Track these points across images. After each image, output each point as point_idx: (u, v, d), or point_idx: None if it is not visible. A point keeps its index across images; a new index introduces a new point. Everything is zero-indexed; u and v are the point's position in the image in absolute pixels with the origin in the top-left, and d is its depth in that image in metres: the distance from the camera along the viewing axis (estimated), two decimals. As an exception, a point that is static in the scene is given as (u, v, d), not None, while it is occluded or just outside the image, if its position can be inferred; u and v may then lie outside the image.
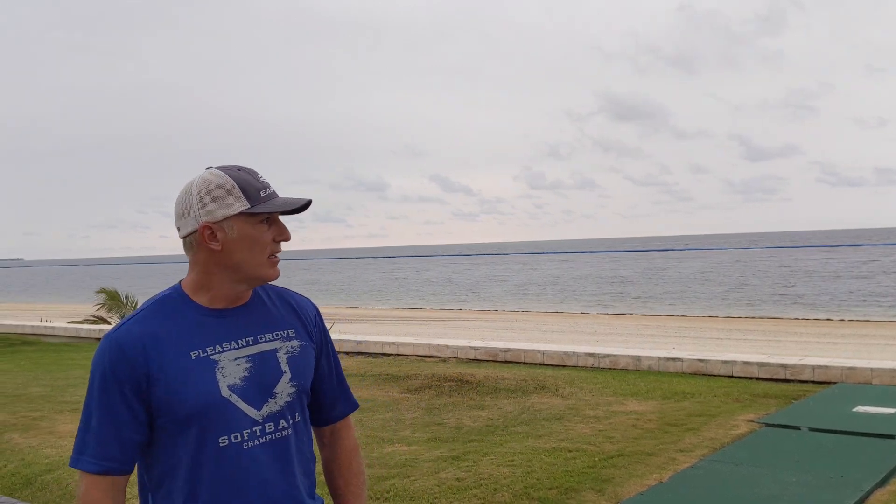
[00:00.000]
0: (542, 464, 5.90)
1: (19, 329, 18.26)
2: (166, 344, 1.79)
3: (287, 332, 1.94)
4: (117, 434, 1.78)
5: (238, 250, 1.82)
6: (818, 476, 5.51)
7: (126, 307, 20.29)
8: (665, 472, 5.66)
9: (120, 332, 1.81)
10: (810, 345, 19.42)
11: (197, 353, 1.80)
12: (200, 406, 1.77)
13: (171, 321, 1.83)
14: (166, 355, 1.78)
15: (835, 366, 9.32)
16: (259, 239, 1.83)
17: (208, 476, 1.79)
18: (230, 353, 1.84)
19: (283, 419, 1.88)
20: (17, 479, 6.03)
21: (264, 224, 1.84)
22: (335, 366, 2.10)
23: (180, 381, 1.77)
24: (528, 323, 29.21)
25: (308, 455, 1.96)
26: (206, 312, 1.86)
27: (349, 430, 2.12)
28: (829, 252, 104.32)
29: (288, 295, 2.04)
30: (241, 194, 1.81)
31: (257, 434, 1.83)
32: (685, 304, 39.88)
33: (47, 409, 8.49)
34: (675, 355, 10.62)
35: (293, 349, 1.93)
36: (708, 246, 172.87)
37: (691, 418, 7.31)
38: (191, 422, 1.77)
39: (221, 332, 1.85)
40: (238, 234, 1.82)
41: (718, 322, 29.51)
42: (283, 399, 1.88)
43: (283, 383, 1.88)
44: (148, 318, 1.83)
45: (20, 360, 13.00)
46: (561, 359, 11.15)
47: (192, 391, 1.77)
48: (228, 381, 1.81)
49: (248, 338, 1.88)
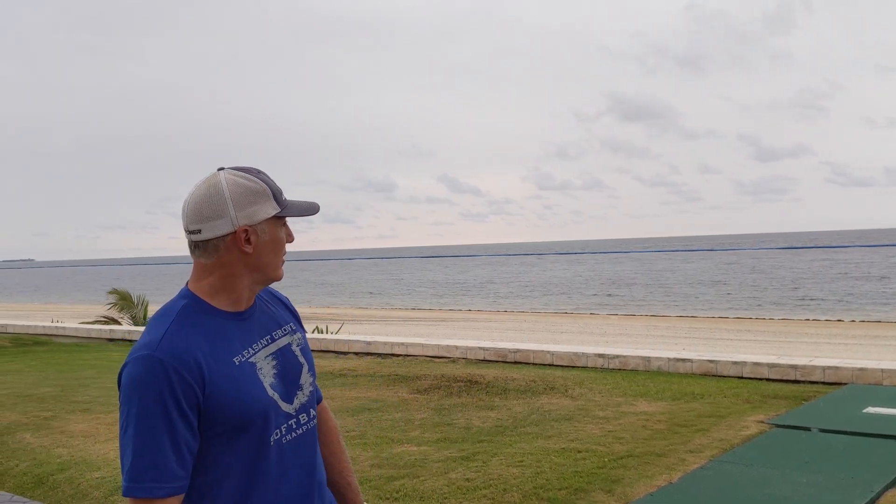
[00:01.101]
0: (551, 464, 5.90)
1: (31, 329, 18.34)
2: (209, 353, 1.79)
3: (289, 325, 2.01)
4: (178, 452, 1.72)
5: (266, 253, 1.87)
6: (828, 477, 5.49)
7: (137, 308, 20.38)
8: (675, 472, 5.66)
9: (164, 350, 1.73)
10: (821, 345, 19.36)
11: (238, 358, 1.84)
12: (255, 409, 1.81)
13: (202, 330, 1.81)
14: (214, 365, 1.78)
15: (845, 366, 9.28)
16: (281, 241, 1.90)
17: (259, 475, 1.83)
18: (261, 353, 1.89)
19: (312, 408, 1.98)
20: (29, 478, 6.06)
21: (284, 228, 1.92)
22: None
23: (233, 387, 1.79)
24: (537, 324, 29.20)
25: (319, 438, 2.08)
26: (229, 317, 1.87)
27: (328, 412, 2.20)
28: (839, 252, 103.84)
29: (273, 291, 2.10)
30: (272, 198, 1.86)
31: (293, 427, 1.90)
32: (695, 304, 39.80)
33: (59, 408, 8.53)
34: (685, 356, 10.59)
35: (300, 341, 2.01)
36: (718, 247, 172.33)
37: (701, 419, 7.30)
38: (243, 427, 1.80)
39: (247, 334, 1.89)
40: (269, 237, 1.86)
41: (728, 323, 29.43)
42: (308, 389, 1.96)
43: (304, 374, 1.97)
44: (183, 331, 1.78)
45: (31, 361, 13.07)
46: (570, 359, 11.14)
47: (246, 396, 1.80)
48: (268, 381, 1.87)
49: (266, 336, 1.93)
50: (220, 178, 1.83)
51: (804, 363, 9.59)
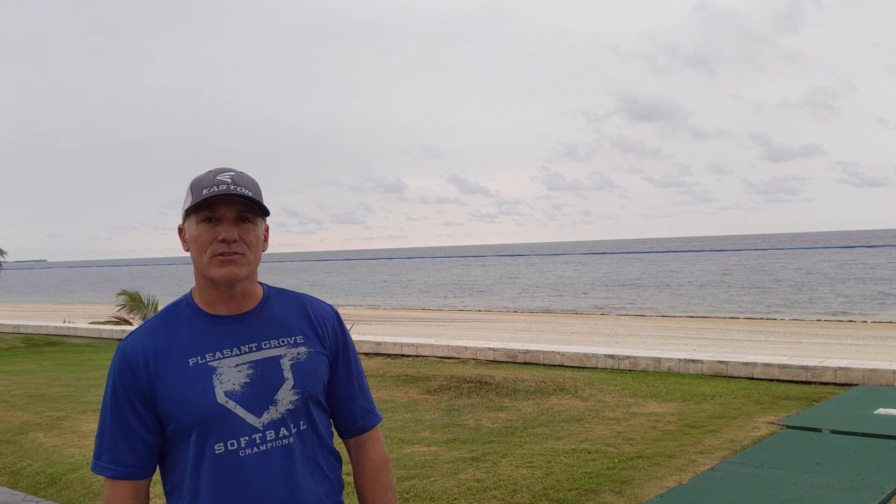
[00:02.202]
0: (561, 465, 5.90)
1: (43, 329, 18.45)
2: (168, 353, 1.81)
3: (294, 338, 1.90)
4: (129, 441, 1.82)
5: (193, 251, 1.83)
6: (839, 478, 5.47)
7: (148, 308, 20.46)
8: (685, 473, 5.65)
9: (126, 343, 1.85)
10: (832, 346, 19.26)
11: (195, 360, 1.81)
12: (197, 413, 1.77)
13: (175, 330, 1.84)
14: (167, 365, 1.80)
15: (856, 367, 9.25)
16: (199, 237, 1.81)
17: (207, 484, 1.79)
18: (231, 360, 1.82)
19: (285, 427, 1.84)
20: (42, 478, 6.10)
21: (207, 223, 1.80)
22: (357, 377, 2.03)
23: (179, 389, 1.78)
24: (546, 324, 29.17)
25: (321, 464, 1.91)
26: (211, 320, 1.86)
27: (375, 443, 2.05)
28: (851, 253, 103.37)
29: (305, 300, 2.00)
30: (190, 194, 1.82)
31: (257, 441, 1.81)
32: (705, 305, 39.67)
33: (70, 408, 8.58)
34: (695, 357, 10.58)
35: (299, 356, 1.89)
36: (729, 247, 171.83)
37: (711, 420, 7.29)
38: (190, 429, 1.78)
39: (224, 338, 1.84)
40: (190, 233, 1.84)
41: (739, 323, 29.33)
42: (284, 406, 1.84)
43: (284, 390, 1.84)
44: (155, 329, 1.86)
45: (43, 361, 13.15)
46: (580, 360, 11.14)
47: (189, 398, 1.77)
48: (226, 388, 1.80)
49: (251, 344, 1.86)
50: None
51: (815, 364, 9.56)
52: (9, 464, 6.54)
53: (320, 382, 1.92)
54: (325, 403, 1.96)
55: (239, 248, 1.80)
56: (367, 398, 2.06)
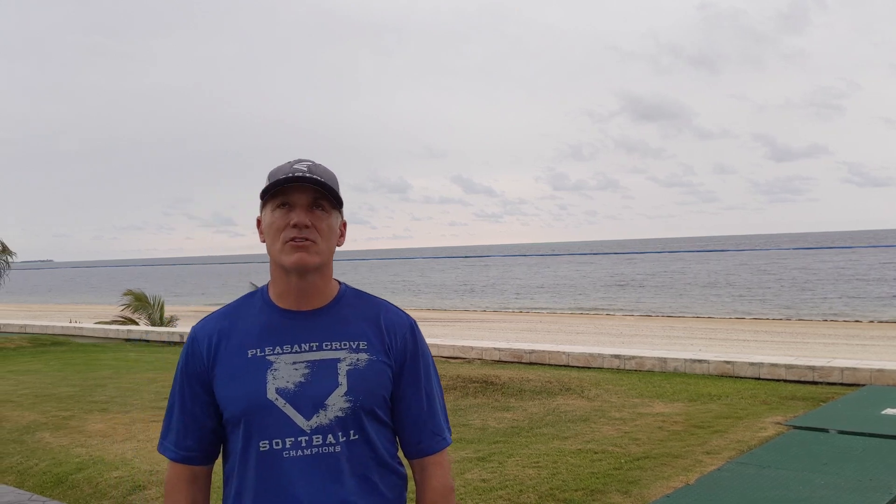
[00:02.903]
0: (567, 465, 5.90)
1: (49, 329, 18.49)
2: (231, 340, 1.80)
3: (357, 343, 1.81)
4: (192, 424, 1.84)
5: (268, 238, 1.81)
6: (847, 479, 5.45)
7: (153, 308, 20.52)
8: (691, 474, 5.63)
9: (198, 326, 1.87)
10: (839, 347, 19.23)
11: (254, 351, 1.78)
12: (246, 405, 1.75)
13: (244, 319, 1.84)
14: (227, 352, 1.79)
15: (863, 368, 9.22)
16: (274, 223, 1.78)
17: (250, 480, 1.76)
18: (289, 356, 1.78)
19: (332, 434, 1.76)
20: (49, 477, 6.11)
21: (281, 209, 1.78)
22: (426, 394, 1.90)
23: (233, 377, 1.77)
24: (552, 324, 29.15)
25: (373, 478, 1.81)
26: (279, 313, 1.83)
27: (438, 469, 1.91)
28: (856, 253, 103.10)
29: (380, 307, 1.91)
30: (267, 181, 1.80)
31: (302, 444, 1.74)
32: (710, 305, 39.61)
33: (77, 408, 8.59)
34: (702, 357, 10.56)
35: (358, 362, 1.80)
36: (733, 247, 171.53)
37: (718, 420, 7.27)
38: (239, 421, 1.76)
39: (287, 333, 1.80)
40: (266, 221, 1.81)
41: (745, 323, 29.28)
42: (333, 412, 1.76)
43: (335, 396, 1.76)
44: (225, 315, 1.87)
45: (50, 360, 13.17)
46: (586, 360, 11.13)
47: (241, 389, 1.76)
48: (279, 385, 1.75)
49: (312, 343, 1.80)
50: None
51: (822, 364, 9.53)
52: (15, 463, 6.55)
53: (378, 394, 1.82)
54: (386, 417, 1.86)
55: (311, 234, 1.76)
56: (437, 420, 1.92)
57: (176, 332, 16.37)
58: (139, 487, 5.65)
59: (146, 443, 6.91)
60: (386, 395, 1.84)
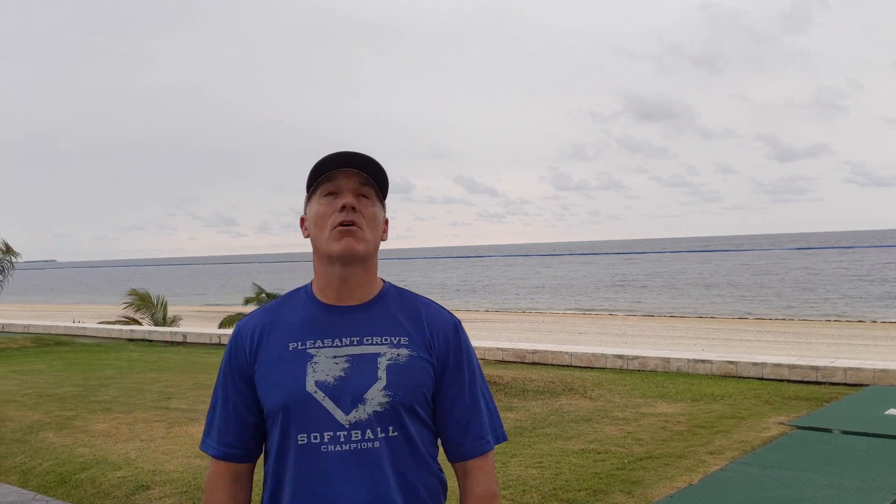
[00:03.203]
0: (570, 465, 5.89)
1: (52, 329, 18.51)
2: (273, 335, 1.79)
3: (399, 338, 1.78)
4: (235, 420, 1.83)
5: (313, 229, 1.80)
6: (850, 479, 5.45)
7: (157, 308, 20.55)
8: (695, 474, 5.63)
9: (242, 321, 1.87)
10: (842, 347, 19.21)
11: (295, 345, 1.77)
12: (284, 397, 1.73)
13: (287, 313, 1.83)
14: (268, 346, 1.78)
15: (867, 368, 9.21)
16: (319, 212, 1.78)
17: (289, 473, 1.74)
18: (329, 350, 1.76)
19: (371, 430, 1.71)
20: (52, 477, 6.11)
21: (329, 197, 1.78)
22: (469, 394, 1.84)
23: (273, 370, 1.76)
24: (554, 324, 29.15)
25: (412, 480, 1.75)
26: (321, 307, 1.81)
27: (481, 474, 1.83)
28: (859, 253, 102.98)
29: (422, 304, 1.88)
30: (310, 175, 1.80)
31: (341, 439, 1.71)
32: (713, 305, 39.58)
33: (80, 408, 8.60)
34: (705, 357, 10.55)
35: (398, 357, 1.76)
36: (736, 247, 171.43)
37: (721, 420, 7.26)
38: (277, 414, 1.75)
39: (328, 327, 1.79)
40: (311, 212, 1.81)
41: (748, 323, 29.27)
42: (371, 407, 1.72)
43: (374, 390, 1.72)
44: (270, 310, 1.86)
45: (53, 360, 13.19)
46: (589, 360, 11.12)
47: (280, 381, 1.74)
48: (318, 378, 1.73)
49: (353, 337, 1.78)
50: None
51: (825, 364, 9.52)
52: (19, 463, 6.56)
53: (418, 390, 1.77)
54: (427, 417, 1.81)
55: (357, 218, 1.75)
56: (481, 421, 1.85)
57: (179, 332, 16.38)
58: (142, 487, 5.65)
59: (149, 443, 6.92)
60: (427, 393, 1.79)
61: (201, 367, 11.65)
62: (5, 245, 17.71)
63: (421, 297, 1.92)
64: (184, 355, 13.59)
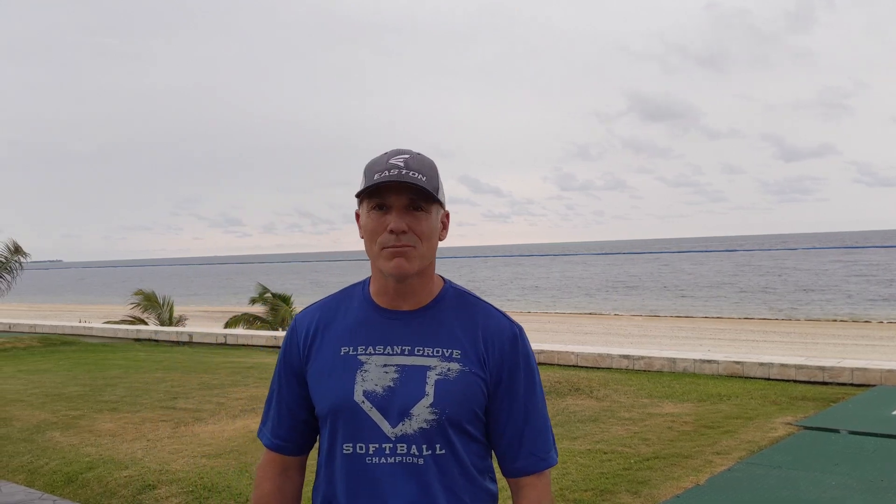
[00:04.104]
0: (577, 465, 5.88)
1: (59, 329, 18.55)
2: (327, 334, 1.74)
3: (451, 351, 1.69)
4: (287, 414, 1.81)
5: (364, 239, 1.70)
6: (858, 479, 5.43)
7: (163, 308, 20.57)
8: (702, 474, 5.61)
9: (300, 314, 1.83)
10: (847, 347, 19.16)
11: (346, 349, 1.71)
12: (332, 404, 1.69)
13: (342, 312, 1.77)
14: (321, 346, 1.74)
15: (874, 368, 9.18)
16: (369, 226, 1.67)
17: (338, 482, 1.70)
18: (380, 358, 1.68)
19: (416, 446, 1.65)
20: (59, 476, 6.12)
21: (378, 210, 1.65)
22: (524, 410, 1.74)
23: (323, 373, 1.72)
24: (560, 324, 29.12)
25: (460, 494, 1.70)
26: (376, 311, 1.74)
27: (532, 492, 1.75)
28: (865, 253, 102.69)
29: (481, 312, 1.76)
30: (363, 178, 1.67)
31: (386, 452, 1.65)
32: (718, 305, 39.50)
33: (87, 408, 8.61)
34: (711, 357, 10.52)
35: (448, 372, 1.67)
36: (743, 247, 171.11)
37: (728, 420, 7.24)
38: (325, 418, 1.72)
39: (381, 333, 1.70)
40: (362, 220, 1.71)
41: (753, 324, 29.20)
42: (417, 423, 1.64)
43: (420, 406, 1.64)
44: (327, 306, 1.80)
45: (60, 360, 13.21)
46: (595, 360, 11.11)
47: (330, 387, 1.70)
48: (367, 387, 1.66)
49: (405, 346, 1.69)
50: None
51: (832, 364, 9.49)
52: (26, 462, 6.57)
53: (468, 407, 1.68)
54: (477, 432, 1.73)
55: (409, 239, 1.64)
56: (536, 439, 1.76)
57: (185, 332, 16.40)
58: (149, 487, 5.66)
59: (156, 442, 6.93)
60: (478, 410, 1.71)
61: (207, 367, 11.66)
62: (14, 245, 17.74)
63: (481, 301, 1.80)
64: (190, 355, 13.61)
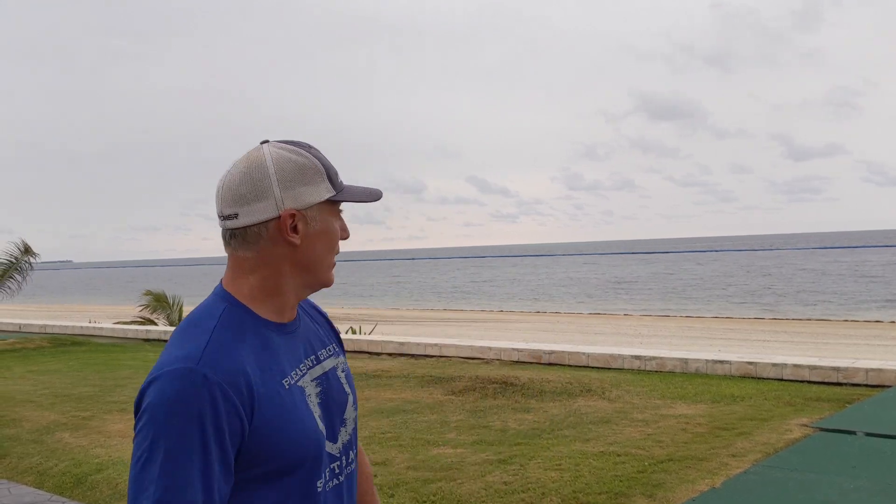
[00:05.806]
0: (590, 468, 5.82)
1: (69, 330, 18.57)
2: (258, 373, 1.37)
3: (333, 346, 1.61)
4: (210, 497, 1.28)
5: (316, 246, 1.45)
6: (876, 482, 5.35)
7: (172, 309, 20.55)
8: (717, 477, 5.54)
9: (208, 363, 1.31)
10: (860, 347, 19.02)
11: (288, 380, 1.43)
12: (305, 447, 1.41)
13: (249, 343, 1.40)
14: (262, 388, 1.36)
15: (889, 369, 9.07)
16: (335, 234, 1.49)
17: None
18: (308, 376, 1.49)
19: (352, 450, 1.57)
20: (68, 478, 6.10)
21: (338, 217, 1.52)
22: None
23: (281, 418, 1.38)
24: (569, 325, 29.05)
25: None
26: (274, 328, 1.46)
27: (364, 456, 1.78)
28: (876, 252, 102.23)
29: (314, 303, 1.69)
30: (326, 178, 1.46)
31: (336, 471, 1.50)
32: (728, 305, 39.36)
33: (96, 408, 8.60)
34: (723, 357, 10.43)
35: (344, 365, 1.61)
36: (752, 247, 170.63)
37: (742, 422, 7.16)
38: (292, 469, 1.39)
39: (292, 351, 1.48)
40: (320, 226, 1.45)
41: (764, 324, 29.07)
42: (350, 425, 1.56)
43: (349, 407, 1.56)
44: (227, 344, 1.36)
45: (70, 361, 13.21)
46: (606, 361, 11.03)
47: (295, 430, 1.39)
48: (318, 411, 1.46)
49: (312, 356, 1.53)
50: (264, 152, 1.44)
51: (847, 365, 9.39)
52: (35, 464, 6.55)
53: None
54: None
55: None
56: None
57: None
58: None
59: (165, 443, 6.89)
60: None
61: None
62: (25, 246, 17.74)
63: None
64: (199, 355, 13.58)
